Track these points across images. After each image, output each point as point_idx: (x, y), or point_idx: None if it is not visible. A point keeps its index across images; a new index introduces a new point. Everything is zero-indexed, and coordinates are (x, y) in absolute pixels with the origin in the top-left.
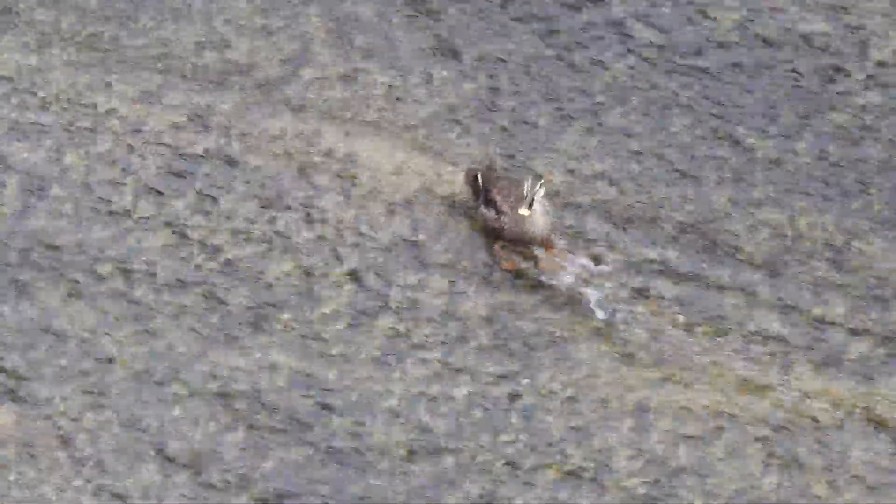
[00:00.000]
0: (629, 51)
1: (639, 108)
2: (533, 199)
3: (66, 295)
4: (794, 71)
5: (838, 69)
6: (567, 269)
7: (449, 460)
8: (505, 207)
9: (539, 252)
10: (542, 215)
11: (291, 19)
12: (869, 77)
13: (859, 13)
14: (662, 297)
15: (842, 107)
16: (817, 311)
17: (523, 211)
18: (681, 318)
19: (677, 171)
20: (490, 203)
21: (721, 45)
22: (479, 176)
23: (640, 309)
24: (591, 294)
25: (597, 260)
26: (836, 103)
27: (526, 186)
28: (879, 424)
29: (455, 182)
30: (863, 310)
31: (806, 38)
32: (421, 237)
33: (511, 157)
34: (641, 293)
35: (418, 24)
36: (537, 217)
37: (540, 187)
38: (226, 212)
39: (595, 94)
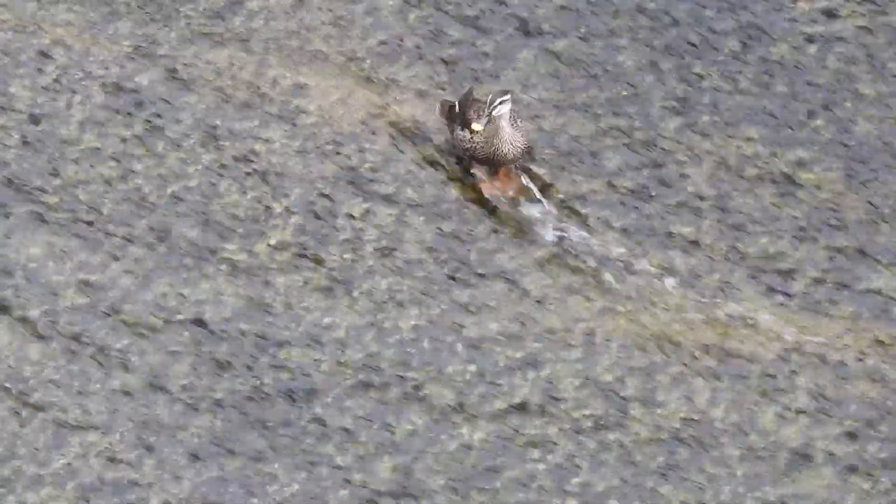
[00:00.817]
0: None
1: (586, 35)
2: (491, 114)
3: (12, 226)
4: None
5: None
6: (517, 198)
7: (396, 390)
8: (482, 130)
9: (489, 179)
10: (514, 135)
11: None
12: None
13: None
14: (609, 227)
15: (787, 36)
16: (764, 240)
17: (476, 126)
18: (627, 248)
19: (624, 97)
20: (466, 125)
21: None
22: (456, 105)
23: (586, 238)
24: (540, 223)
25: (545, 189)
26: (781, 33)
27: (488, 100)
28: (825, 355)
29: (400, 112)
30: (810, 239)
31: None
32: (368, 167)
33: (456, 85)
34: (588, 222)
35: None
36: (506, 136)
37: (500, 103)
38: (172, 143)
39: (543, 21)
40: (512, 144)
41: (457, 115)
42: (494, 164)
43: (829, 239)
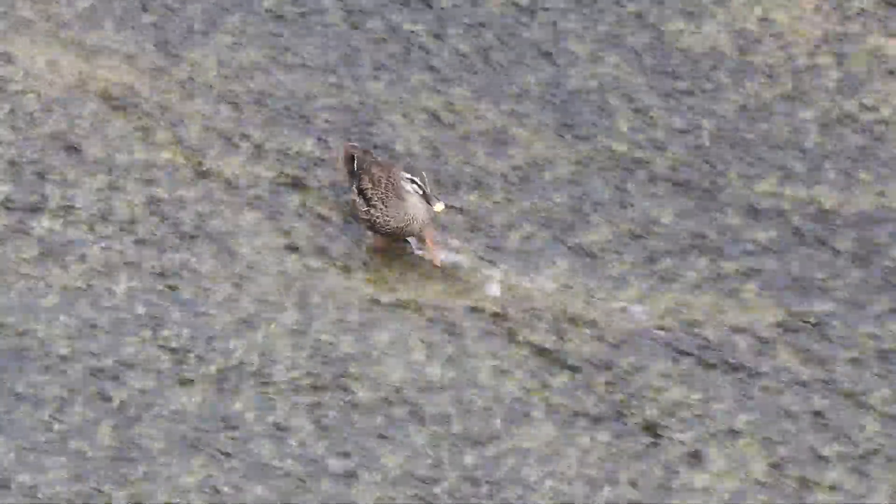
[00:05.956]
0: None
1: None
2: (429, 194)
3: None
4: None
5: None
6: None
7: (110, 357)
8: (379, 202)
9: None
10: (421, 205)
11: None
12: None
13: None
14: (320, 187)
15: None
16: (476, 198)
17: (438, 207)
18: (340, 209)
19: (331, 58)
20: (361, 192)
21: None
22: (354, 158)
23: (300, 199)
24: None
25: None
26: None
27: (420, 179)
28: (541, 309)
29: (109, 77)
30: (521, 195)
31: None
32: (77, 133)
33: (165, 49)
34: (300, 183)
35: None
36: (417, 210)
37: (423, 181)
38: None
39: None
40: (420, 218)
41: (354, 173)
42: (398, 237)
43: (541, 193)
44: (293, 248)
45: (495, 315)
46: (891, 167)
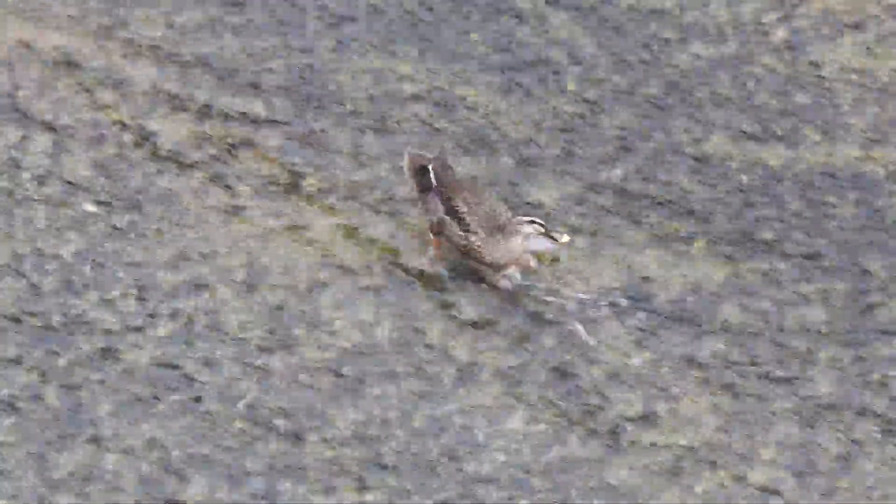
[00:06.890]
0: None
1: None
2: (549, 231)
3: None
4: None
5: None
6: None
7: (56, 318)
8: (479, 230)
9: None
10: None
11: None
12: None
13: None
14: (268, 148)
15: None
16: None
17: (564, 239)
18: (287, 170)
19: (278, 19)
20: (454, 214)
21: None
22: (430, 170)
23: (247, 162)
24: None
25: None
26: None
27: (539, 218)
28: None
29: (55, 39)
30: (471, 155)
31: None
32: (22, 94)
33: (109, 10)
34: (248, 145)
35: None
36: (518, 248)
37: (530, 222)
38: None
39: None
40: (519, 248)
41: (429, 186)
42: (496, 268)
43: (489, 153)
44: (240, 210)
45: (444, 277)
46: (837, 125)
